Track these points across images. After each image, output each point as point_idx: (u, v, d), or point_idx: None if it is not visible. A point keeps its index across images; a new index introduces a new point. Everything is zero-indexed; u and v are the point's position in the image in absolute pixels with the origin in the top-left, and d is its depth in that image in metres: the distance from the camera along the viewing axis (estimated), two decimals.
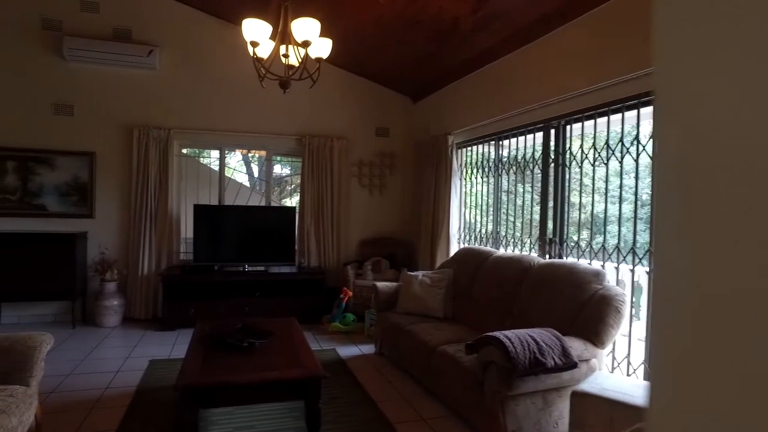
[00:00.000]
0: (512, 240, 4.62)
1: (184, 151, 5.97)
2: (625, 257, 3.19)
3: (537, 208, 4.42)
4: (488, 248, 4.53)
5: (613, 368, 3.23)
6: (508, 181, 4.73)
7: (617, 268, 3.28)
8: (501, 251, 4.39)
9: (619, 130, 3.26)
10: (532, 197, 4.48)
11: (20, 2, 5.16)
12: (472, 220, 5.44)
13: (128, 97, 5.46)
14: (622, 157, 3.23)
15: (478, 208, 5.33)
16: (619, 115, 3.26)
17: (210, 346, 3.05)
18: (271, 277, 5.49)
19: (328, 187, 5.96)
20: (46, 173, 5.26)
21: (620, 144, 3.23)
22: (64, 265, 4.94)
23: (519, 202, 4.61)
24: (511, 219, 4.76)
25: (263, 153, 6.22)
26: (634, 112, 3.10)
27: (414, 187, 6.16)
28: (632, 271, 3.11)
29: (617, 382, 2.47)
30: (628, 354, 3.10)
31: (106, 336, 4.79)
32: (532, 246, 4.31)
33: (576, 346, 2.72)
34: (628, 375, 3.07)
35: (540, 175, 4.17)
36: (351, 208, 6.17)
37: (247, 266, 5.50)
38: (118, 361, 4.05)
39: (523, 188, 4.54)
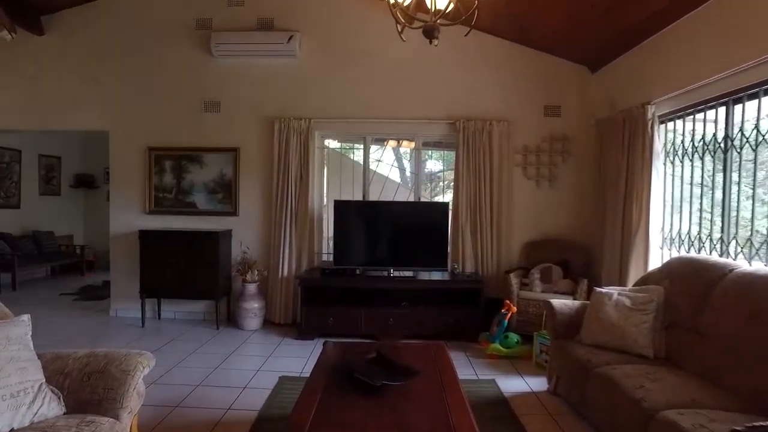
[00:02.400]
0: (709, 243, 3.16)
1: (333, 144, 5.54)
2: None
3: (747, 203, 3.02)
4: (719, 259, 3.13)
5: None
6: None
7: None
8: (744, 265, 2.97)
9: None
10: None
11: (179, 7, 5.23)
12: (665, 218, 4.08)
13: (270, 88, 5.19)
14: None
15: (671, 203, 3.98)
16: None
17: (334, 379, 2.35)
18: (420, 284, 4.72)
19: (486, 178, 4.99)
20: (196, 171, 5.23)
21: None
22: (208, 264, 4.81)
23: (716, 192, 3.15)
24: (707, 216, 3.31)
25: (411, 144, 5.49)
26: None
27: (595, 177, 4.86)
28: None
29: None
30: None
31: (243, 341, 4.49)
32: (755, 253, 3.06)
33: None
34: None
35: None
36: (514, 203, 5.11)
37: (392, 271, 4.82)
38: (248, 375, 3.63)
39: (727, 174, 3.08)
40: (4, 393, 1.85)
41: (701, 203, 3.67)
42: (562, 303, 3.40)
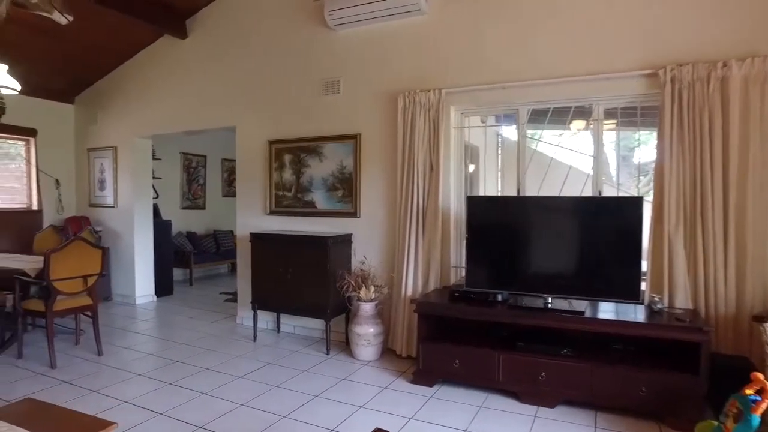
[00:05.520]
0: None
1: (473, 121, 4.23)
2: None
3: None
4: None
5: None
6: None
7: None
8: None
9: None
10: None
11: None
12: None
13: (393, 57, 4.15)
14: None
15: None
16: None
17: None
18: (594, 324, 3.06)
19: (714, 158, 3.05)
20: (315, 164, 4.50)
21: None
22: (317, 275, 4.00)
23: None
24: None
25: (582, 124, 3.79)
26: None
27: None
28: None
29: None
30: None
31: (344, 377, 3.50)
32: None
33: None
34: None
35: None
36: None
37: (550, 300, 3.29)
38: None
39: None
40: None
41: None
42: None
